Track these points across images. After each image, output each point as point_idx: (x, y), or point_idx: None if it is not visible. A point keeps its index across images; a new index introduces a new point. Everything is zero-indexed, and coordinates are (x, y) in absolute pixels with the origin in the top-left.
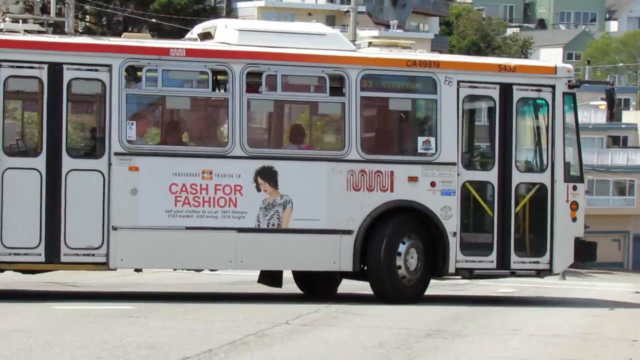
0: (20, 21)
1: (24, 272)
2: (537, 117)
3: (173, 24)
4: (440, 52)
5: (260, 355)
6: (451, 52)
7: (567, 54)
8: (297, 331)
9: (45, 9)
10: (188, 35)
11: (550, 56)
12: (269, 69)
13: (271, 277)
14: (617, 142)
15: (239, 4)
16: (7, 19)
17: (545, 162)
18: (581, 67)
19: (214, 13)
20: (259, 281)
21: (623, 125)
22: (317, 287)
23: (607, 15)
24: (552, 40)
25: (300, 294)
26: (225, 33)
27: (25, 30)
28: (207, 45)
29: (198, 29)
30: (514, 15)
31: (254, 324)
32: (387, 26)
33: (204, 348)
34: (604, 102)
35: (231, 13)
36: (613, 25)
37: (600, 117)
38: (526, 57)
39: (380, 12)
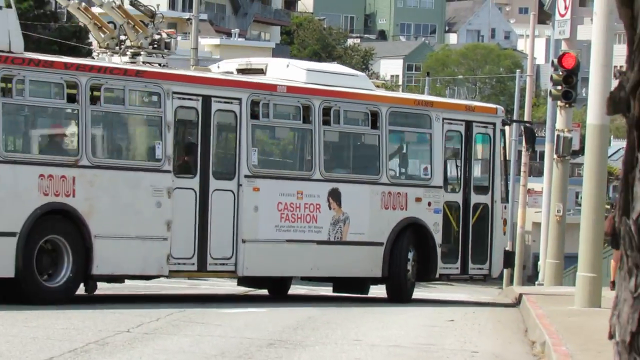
0: (155, 55)
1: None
2: (484, 149)
3: None
4: None
5: None
6: None
7: (407, 65)
8: (138, 339)
9: (167, 45)
10: (212, 69)
11: (390, 67)
12: (336, 105)
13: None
14: None
15: None
16: (142, 53)
17: (488, 185)
18: (421, 79)
19: (54, 18)
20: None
21: None
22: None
23: (447, 28)
24: (392, 52)
25: (144, 299)
26: (289, 71)
27: (144, 62)
28: (297, 83)
29: (232, 64)
30: (355, 25)
31: (95, 332)
32: (229, 35)
33: (45, 356)
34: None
35: (72, 19)
36: (452, 38)
37: None
38: (367, 68)
39: (222, 20)
